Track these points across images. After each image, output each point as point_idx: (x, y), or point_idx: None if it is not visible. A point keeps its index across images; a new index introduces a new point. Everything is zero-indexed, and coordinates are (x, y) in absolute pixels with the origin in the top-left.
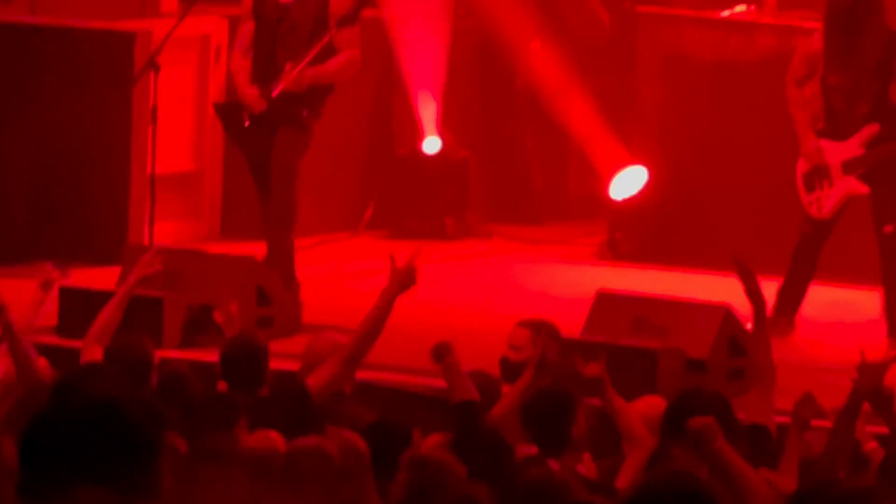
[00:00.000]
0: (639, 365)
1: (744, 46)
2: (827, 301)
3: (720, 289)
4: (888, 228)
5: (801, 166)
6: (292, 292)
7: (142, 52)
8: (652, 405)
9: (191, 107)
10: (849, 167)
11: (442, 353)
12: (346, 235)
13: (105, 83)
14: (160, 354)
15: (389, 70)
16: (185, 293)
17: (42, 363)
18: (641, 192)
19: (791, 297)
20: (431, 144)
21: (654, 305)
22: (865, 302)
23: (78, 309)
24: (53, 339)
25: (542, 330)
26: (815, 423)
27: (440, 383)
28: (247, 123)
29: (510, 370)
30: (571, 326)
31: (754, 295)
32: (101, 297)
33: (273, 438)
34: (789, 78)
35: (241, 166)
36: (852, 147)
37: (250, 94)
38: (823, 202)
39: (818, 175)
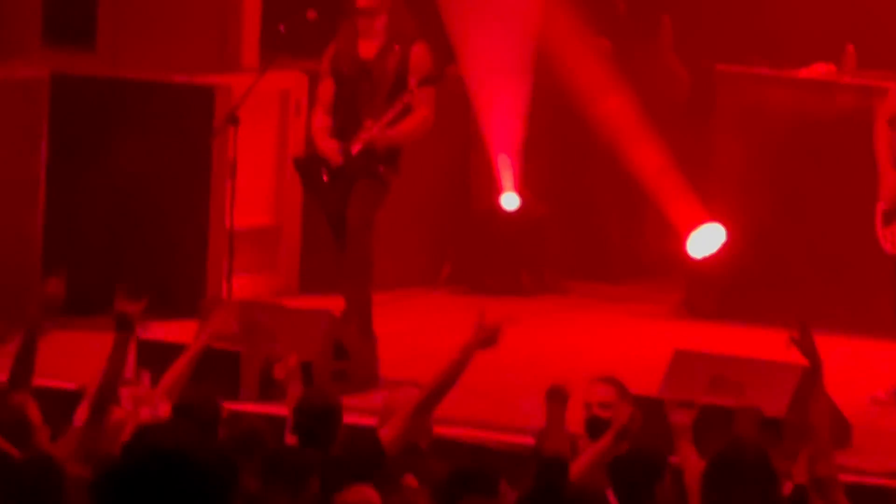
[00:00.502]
0: (715, 423)
1: (822, 105)
2: None
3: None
4: None
5: (881, 205)
6: (369, 346)
7: (222, 106)
8: None
9: (270, 161)
10: None
11: (556, 396)
12: (424, 290)
13: (185, 137)
14: (235, 408)
15: (468, 125)
16: (262, 347)
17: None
18: (719, 250)
19: None
20: (509, 200)
21: (732, 364)
22: None
23: (155, 362)
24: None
25: (626, 390)
26: None
27: (516, 439)
28: (325, 178)
29: (597, 427)
30: (648, 385)
31: (810, 353)
32: (178, 351)
33: (369, 495)
34: (881, 113)
35: (320, 220)
36: None
37: (330, 147)
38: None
39: (895, 212)
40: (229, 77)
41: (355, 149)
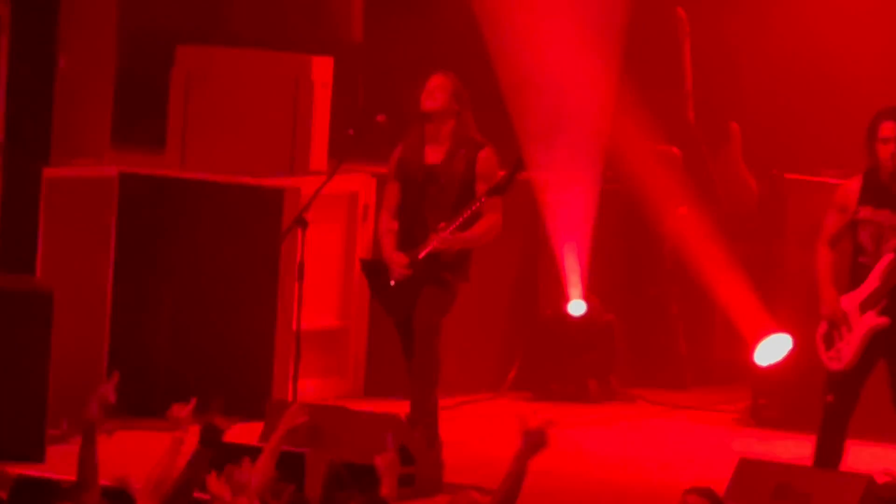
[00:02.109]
0: None
1: None
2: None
3: (863, 457)
4: None
5: (821, 327)
6: (435, 451)
7: (290, 209)
8: None
9: (337, 263)
10: (866, 304)
11: None
12: (490, 396)
13: (253, 238)
14: None
15: (536, 230)
16: (327, 450)
17: None
18: (786, 359)
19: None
20: (576, 307)
21: (797, 473)
22: None
23: (220, 463)
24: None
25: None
26: None
27: None
28: (392, 283)
29: None
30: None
31: None
32: (245, 452)
33: None
34: (820, 238)
35: (386, 324)
36: (870, 283)
37: (396, 261)
38: (843, 351)
39: (837, 328)
40: (298, 180)
41: (422, 254)
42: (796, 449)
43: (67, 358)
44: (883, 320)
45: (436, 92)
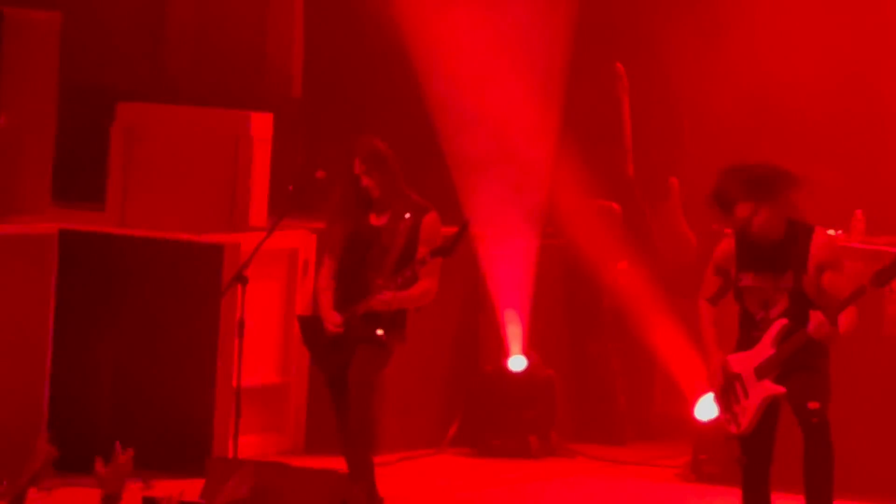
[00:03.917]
0: None
1: None
2: None
3: None
4: (814, 404)
5: (715, 387)
6: None
7: (230, 265)
8: None
9: (277, 320)
10: (762, 371)
11: None
12: (430, 452)
13: (193, 295)
14: None
15: (476, 286)
16: None
17: None
18: None
19: None
20: (517, 362)
21: None
22: None
23: None
24: None
25: None
26: None
27: None
28: (326, 338)
29: None
30: None
31: None
32: None
33: None
34: (702, 295)
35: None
36: (763, 349)
37: (332, 319)
38: (740, 417)
39: (732, 391)
40: (238, 236)
41: (361, 311)
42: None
43: (7, 416)
44: (780, 390)
45: (367, 179)
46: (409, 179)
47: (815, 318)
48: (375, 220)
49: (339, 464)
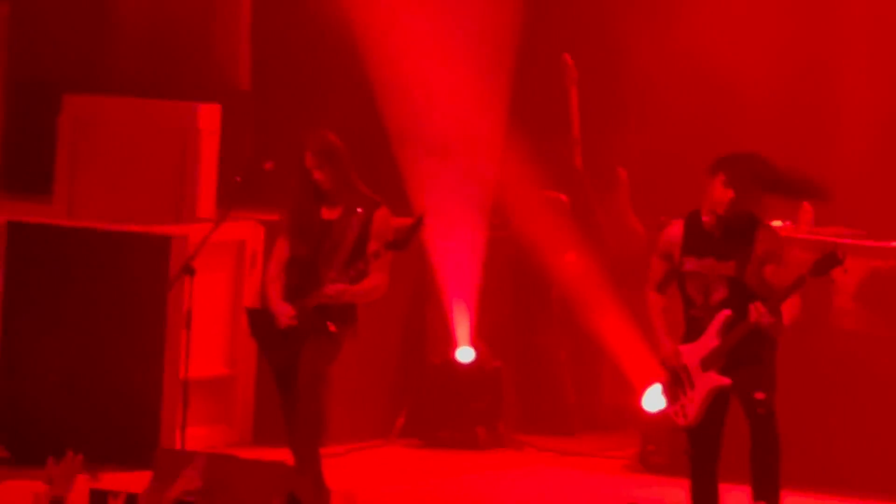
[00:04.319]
0: None
1: None
2: None
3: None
4: (760, 394)
5: (663, 378)
6: (323, 499)
7: (178, 256)
8: None
9: (225, 311)
10: (707, 363)
11: None
12: (378, 443)
13: (140, 286)
14: None
15: (424, 279)
16: (215, 499)
17: None
18: None
19: None
20: (465, 354)
21: None
22: None
23: None
24: None
25: None
26: None
27: None
28: (277, 330)
29: None
30: None
31: None
32: (134, 501)
33: None
34: (649, 283)
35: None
36: (708, 340)
37: (282, 311)
38: (687, 408)
39: (679, 383)
40: (185, 227)
41: (312, 303)
42: (685, 494)
43: None
44: (725, 381)
45: (318, 173)
46: (358, 172)
47: (755, 308)
48: (327, 213)
49: (286, 455)
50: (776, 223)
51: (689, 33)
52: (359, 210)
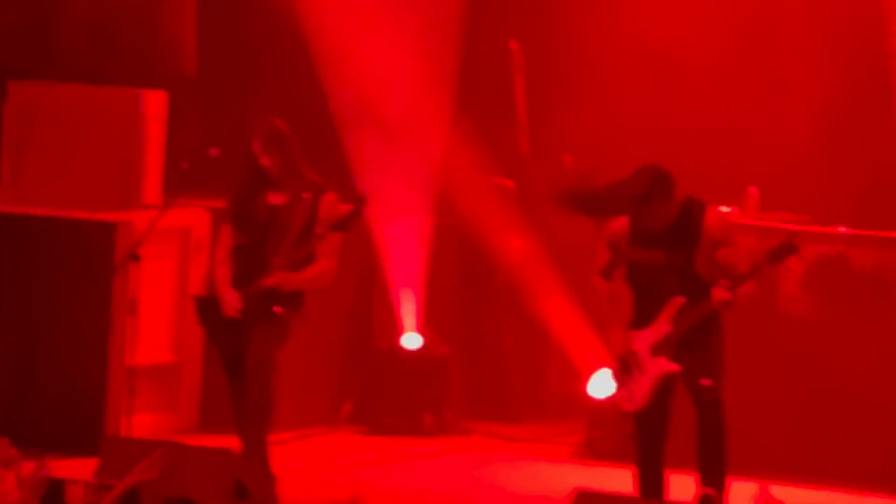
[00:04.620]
0: None
1: None
2: None
3: (689, 486)
4: (707, 381)
5: (612, 365)
6: (269, 486)
7: (123, 243)
8: None
9: (171, 298)
10: (658, 348)
11: None
12: (325, 430)
13: (86, 273)
14: None
15: (370, 265)
16: (162, 485)
17: None
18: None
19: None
20: (411, 340)
21: (628, 503)
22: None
23: (54, 500)
24: None
25: None
26: None
27: None
28: (225, 318)
29: None
30: None
31: None
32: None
33: None
34: (595, 270)
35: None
36: (660, 326)
37: (229, 300)
38: (635, 393)
39: (628, 369)
40: (131, 214)
41: (258, 288)
42: (632, 480)
43: None
44: (676, 367)
45: (265, 158)
46: (305, 157)
47: (717, 293)
48: (273, 199)
49: (233, 442)
50: (723, 209)
51: (635, 18)
52: (305, 196)
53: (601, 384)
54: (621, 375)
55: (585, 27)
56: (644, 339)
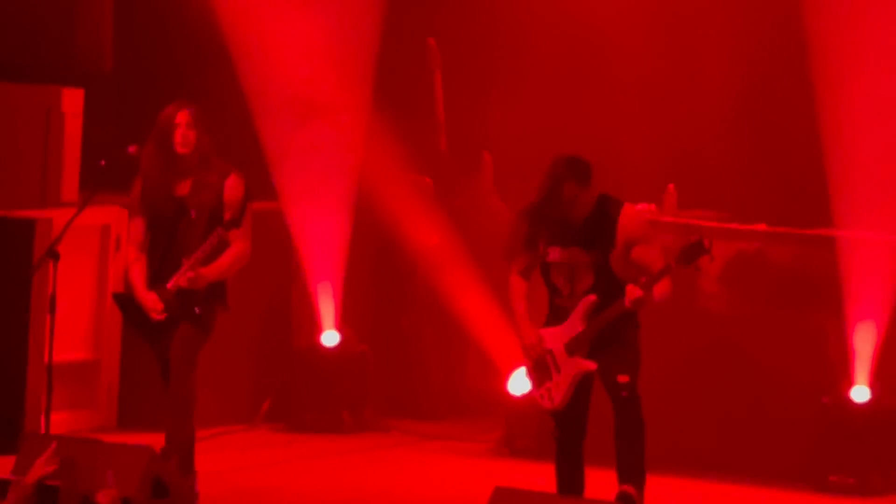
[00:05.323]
0: None
1: None
2: None
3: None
4: (623, 377)
5: (527, 363)
6: (189, 482)
7: (42, 240)
8: None
9: (89, 296)
10: (572, 347)
11: None
12: (244, 427)
13: (4, 270)
14: None
15: (288, 263)
16: (80, 482)
17: None
18: None
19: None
20: (330, 338)
21: (548, 501)
22: None
23: None
24: None
25: None
26: None
27: None
28: (152, 318)
29: None
30: None
31: None
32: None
33: None
34: (512, 268)
35: (139, 356)
36: (572, 325)
37: (150, 305)
38: (553, 392)
39: (544, 367)
40: (50, 211)
41: (170, 285)
42: (549, 478)
43: None
44: (591, 366)
45: (188, 132)
46: (221, 153)
47: (631, 291)
48: (179, 189)
49: (152, 439)
50: (641, 206)
51: (551, 17)
52: (210, 180)
53: (520, 382)
54: (538, 374)
55: (501, 27)
56: (557, 338)
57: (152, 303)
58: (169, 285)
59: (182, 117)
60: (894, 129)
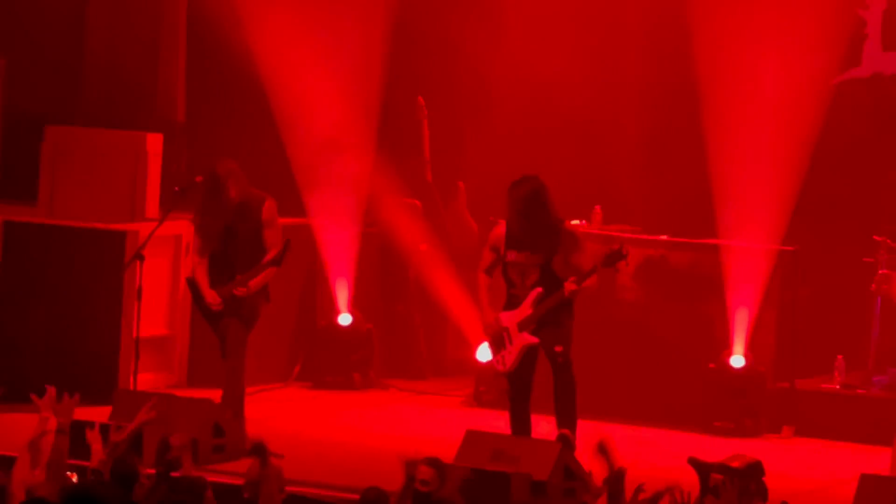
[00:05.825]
0: (496, 485)
1: None
2: None
3: (550, 427)
4: (559, 348)
5: (487, 337)
6: (240, 427)
7: (131, 247)
8: None
9: (166, 287)
10: (522, 325)
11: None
12: (280, 385)
13: (104, 269)
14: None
15: (313, 263)
16: (159, 426)
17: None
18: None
19: None
20: (344, 319)
21: (508, 441)
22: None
23: (81, 438)
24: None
25: (443, 468)
26: None
27: (352, 496)
28: (212, 309)
29: (422, 499)
30: (447, 455)
31: (612, 462)
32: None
33: None
34: (479, 267)
35: (203, 333)
36: (524, 309)
37: (210, 295)
38: (506, 358)
39: (501, 340)
40: (137, 225)
41: (228, 294)
42: (506, 423)
43: None
44: (535, 340)
45: (226, 184)
46: (260, 180)
47: (567, 285)
48: (227, 218)
49: (212, 394)
50: (575, 222)
51: (509, 75)
52: (252, 205)
53: (484, 351)
54: (496, 345)
55: (472, 84)
56: (512, 319)
57: (212, 298)
58: (226, 291)
59: (222, 170)
60: (763, 166)
